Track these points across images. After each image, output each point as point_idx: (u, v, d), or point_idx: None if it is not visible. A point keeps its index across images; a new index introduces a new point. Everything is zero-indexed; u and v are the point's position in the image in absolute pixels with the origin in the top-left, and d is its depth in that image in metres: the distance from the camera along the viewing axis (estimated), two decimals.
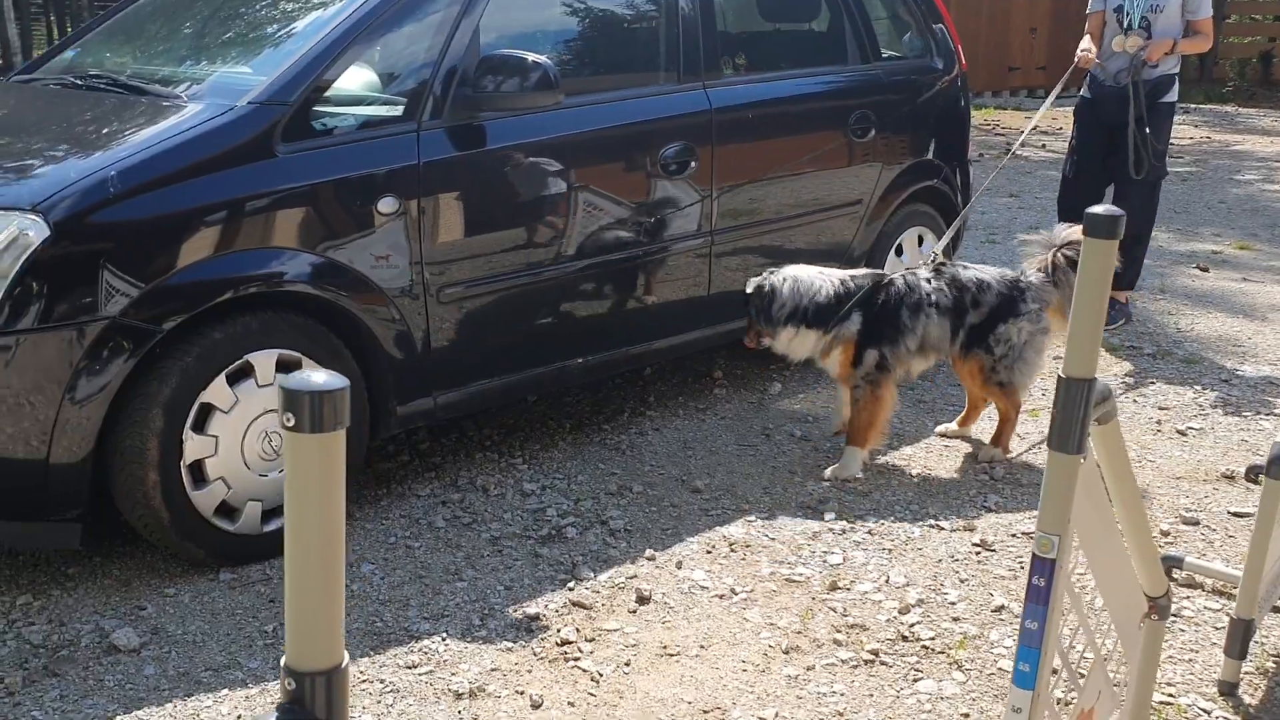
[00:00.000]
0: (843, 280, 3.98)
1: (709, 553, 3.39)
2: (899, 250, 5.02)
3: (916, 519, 3.62)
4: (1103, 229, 1.59)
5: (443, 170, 3.48)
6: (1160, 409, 4.57)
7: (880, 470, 3.99)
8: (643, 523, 3.56)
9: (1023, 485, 3.89)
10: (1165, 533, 3.56)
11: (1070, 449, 1.66)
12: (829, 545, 3.44)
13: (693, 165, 4.11)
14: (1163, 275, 6.58)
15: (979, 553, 3.41)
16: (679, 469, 3.95)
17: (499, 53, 3.56)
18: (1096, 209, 1.60)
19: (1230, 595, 3.10)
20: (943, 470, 4.02)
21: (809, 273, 4.00)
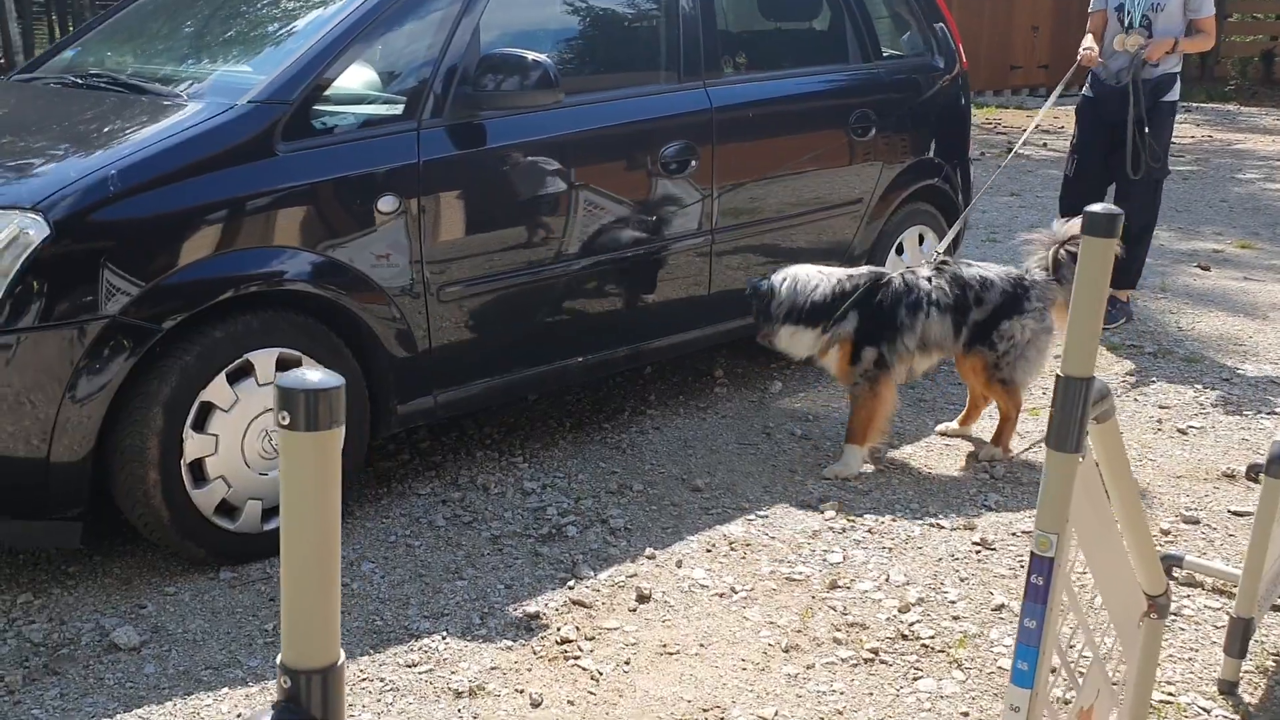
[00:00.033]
0: (841, 279, 3.97)
1: (709, 551, 3.39)
2: (900, 249, 5.02)
3: (917, 518, 3.62)
4: (1101, 228, 1.59)
5: (443, 169, 3.48)
6: (1161, 408, 4.57)
7: (880, 469, 4.00)
8: (643, 521, 3.57)
9: (1023, 484, 3.89)
10: (1165, 531, 3.56)
11: (1068, 447, 1.66)
12: (829, 544, 3.44)
13: (693, 164, 4.11)
14: (1164, 274, 6.57)
15: (979, 551, 3.41)
16: (679, 468, 3.95)
17: (499, 51, 3.57)
18: (1095, 207, 1.60)
19: (1230, 594, 3.09)
20: (943, 469, 4.02)
21: (808, 271, 4.00)
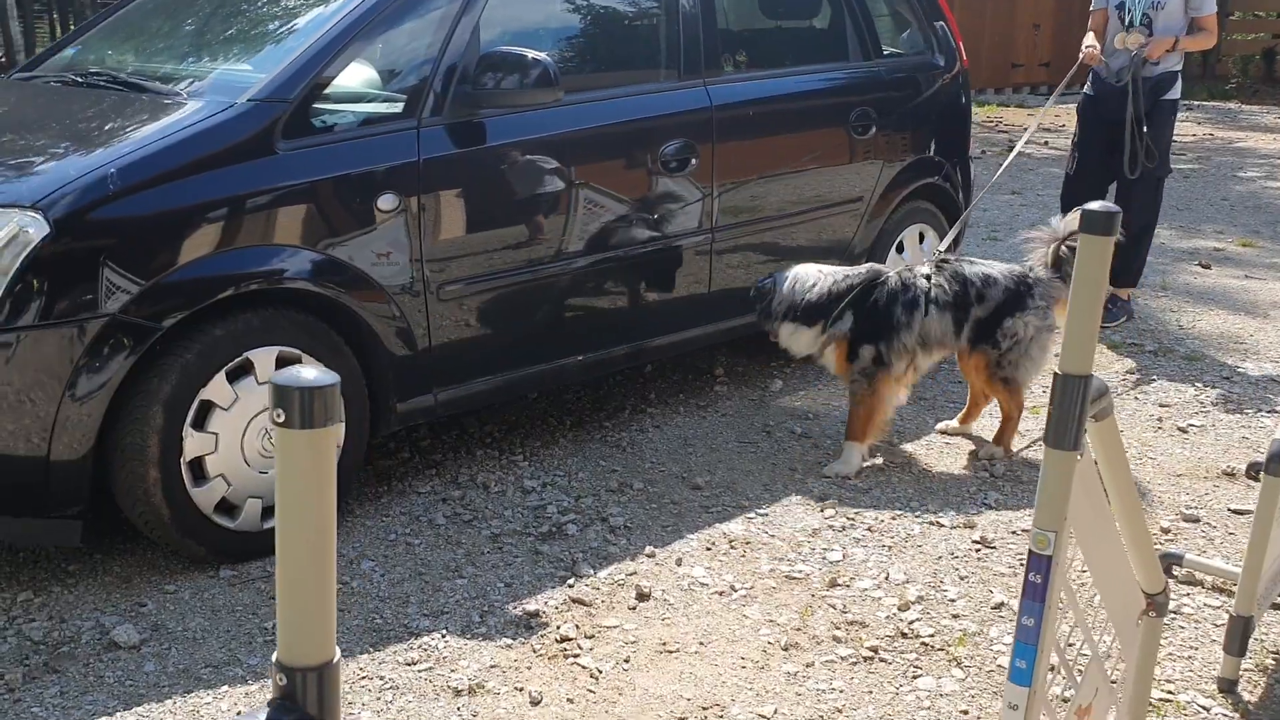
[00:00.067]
0: (839, 278, 3.99)
1: (709, 550, 3.39)
2: (900, 247, 5.02)
3: (917, 516, 3.62)
4: (1099, 225, 1.59)
5: (443, 167, 3.48)
6: (1161, 406, 4.57)
7: (880, 467, 4.00)
8: (643, 520, 3.57)
9: (1023, 482, 3.89)
10: (1166, 530, 3.56)
11: (1066, 445, 1.66)
12: (829, 542, 3.44)
13: (693, 162, 4.10)
14: (1165, 272, 6.57)
15: (979, 550, 3.41)
16: (679, 466, 3.95)
17: (499, 50, 3.57)
18: (1092, 205, 1.60)
19: (1230, 592, 3.09)
20: (943, 467, 4.02)
21: (810, 270, 4.02)
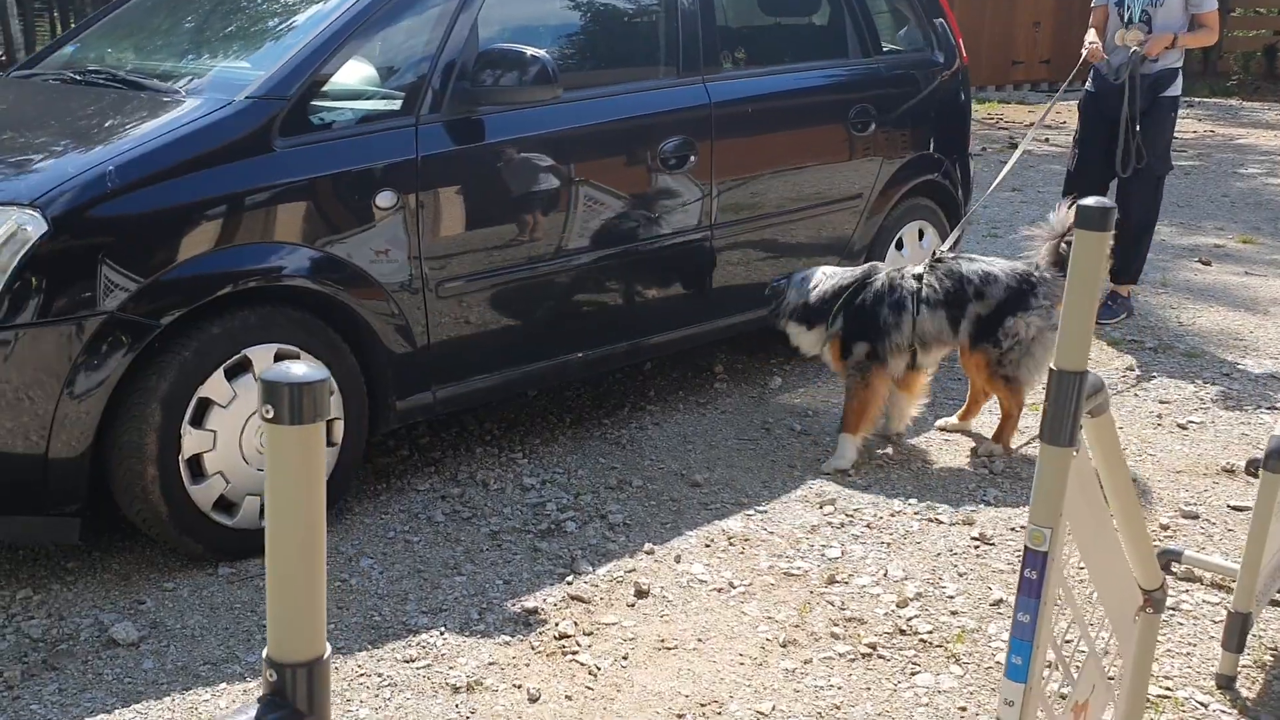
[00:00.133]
0: (837, 280, 4.06)
1: (708, 547, 3.39)
2: (899, 244, 5.02)
3: (915, 513, 3.62)
4: (1094, 221, 1.59)
5: (441, 165, 3.48)
6: (1161, 403, 4.57)
7: (879, 464, 3.99)
8: (642, 517, 3.57)
9: (1022, 479, 3.89)
10: (1165, 527, 3.56)
11: (1062, 441, 1.66)
12: (827, 539, 3.44)
13: (692, 159, 4.10)
14: (1165, 269, 6.56)
15: (978, 547, 3.41)
16: (679, 463, 3.95)
17: (497, 47, 3.57)
18: (1087, 201, 1.60)
19: (1228, 589, 3.09)
20: (942, 464, 4.02)
21: (816, 272, 4.11)
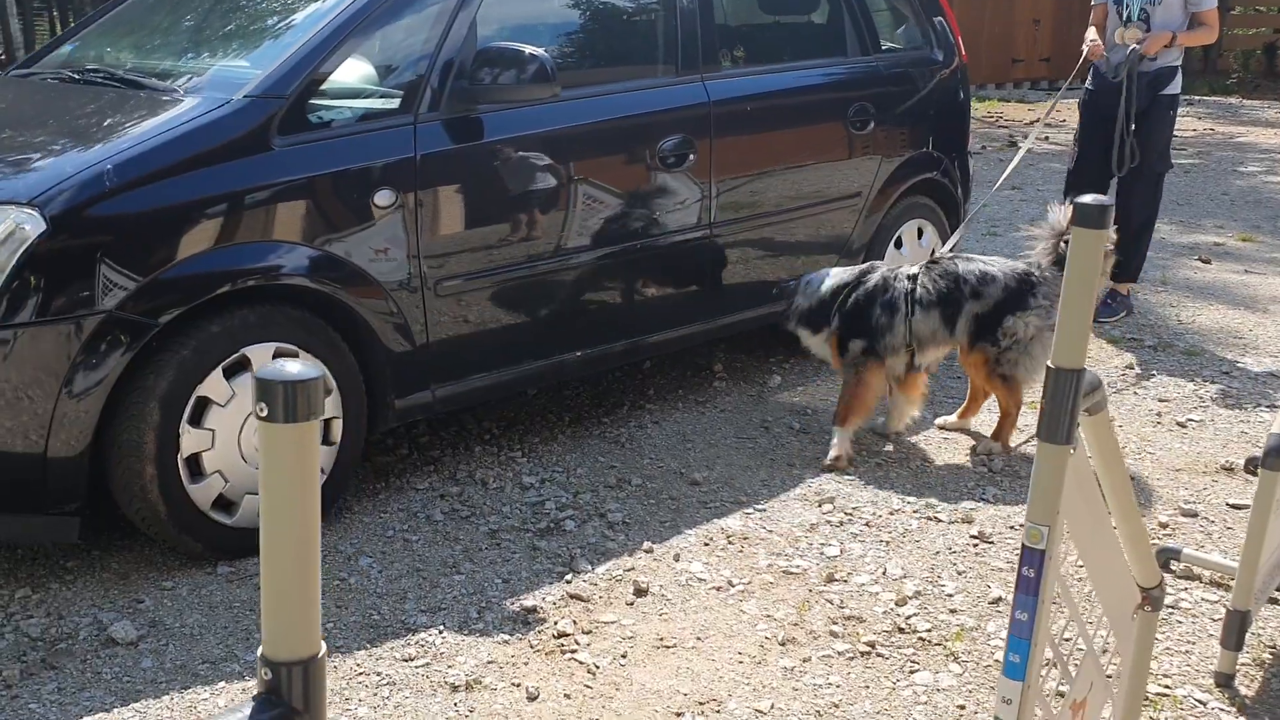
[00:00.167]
0: (838, 278, 4.12)
1: (707, 545, 3.39)
2: (899, 242, 5.02)
3: (914, 511, 3.62)
4: (1091, 219, 1.59)
5: (440, 163, 3.48)
6: (1160, 401, 4.56)
7: (879, 462, 3.99)
8: (641, 515, 3.57)
9: (1021, 478, 3.89)
10: (1164, 525, 3.56)
11: (1059, 439, 1.66)
12: (826, 537, 3.44)
13: (691, 158, 4.10)
14: (1165, 267, 6.56)
15: (976, 545, 3.41)
16: (678, 462, 3.95)
17: (496, 45, 3.57)
18: (1085, 198, 1.60)
19: (1227, 587, 3.09)
20: (941, 463, 4.02)
21: (819, 275, 4.17)
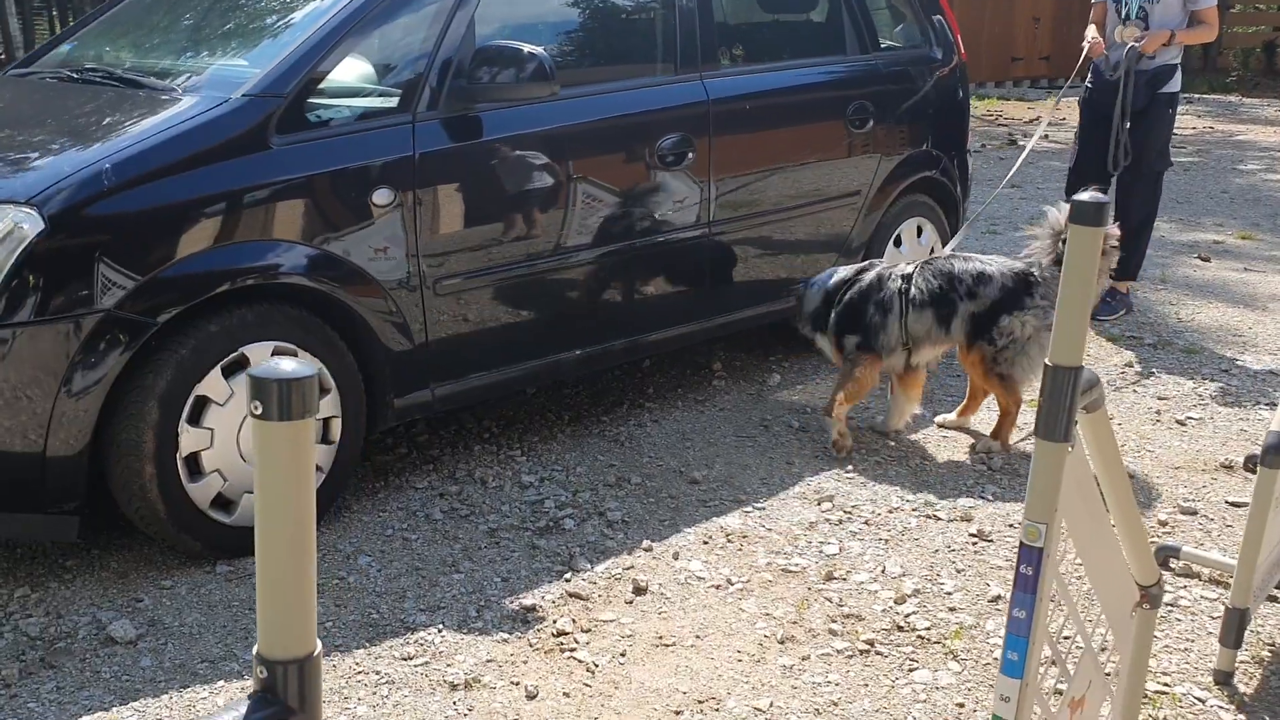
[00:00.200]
0: (838, 276, 4.16)
1: (706, 543, 3.39)
2: (898, 241, 5.02)
3: (914, 509, 3.62)
4: (1088, 216, 1.59)
5: (438, 162, 3.47)
6: (1160, 399, 4.56)
7: (878, 461, 3.99)
8: (640, 514, 3.57)
9: (1020, 476, 3.88)
10: (1164, 522, 3.56)
11: (1057, 437, 1.66)
12: (825, 536, 3.44)
13: (690, 156, 4.10)
14: (1164, 265, 6.56)
15: (976, 543, 3.41)
16: (677, 460, 3.95)
17: (494, 44, 3.56)
18: (1082, 196, 1.60)
19: (1226, 584, 3.09)
20: (940, 461, 4.02)
21: (824, 276, 4.21)
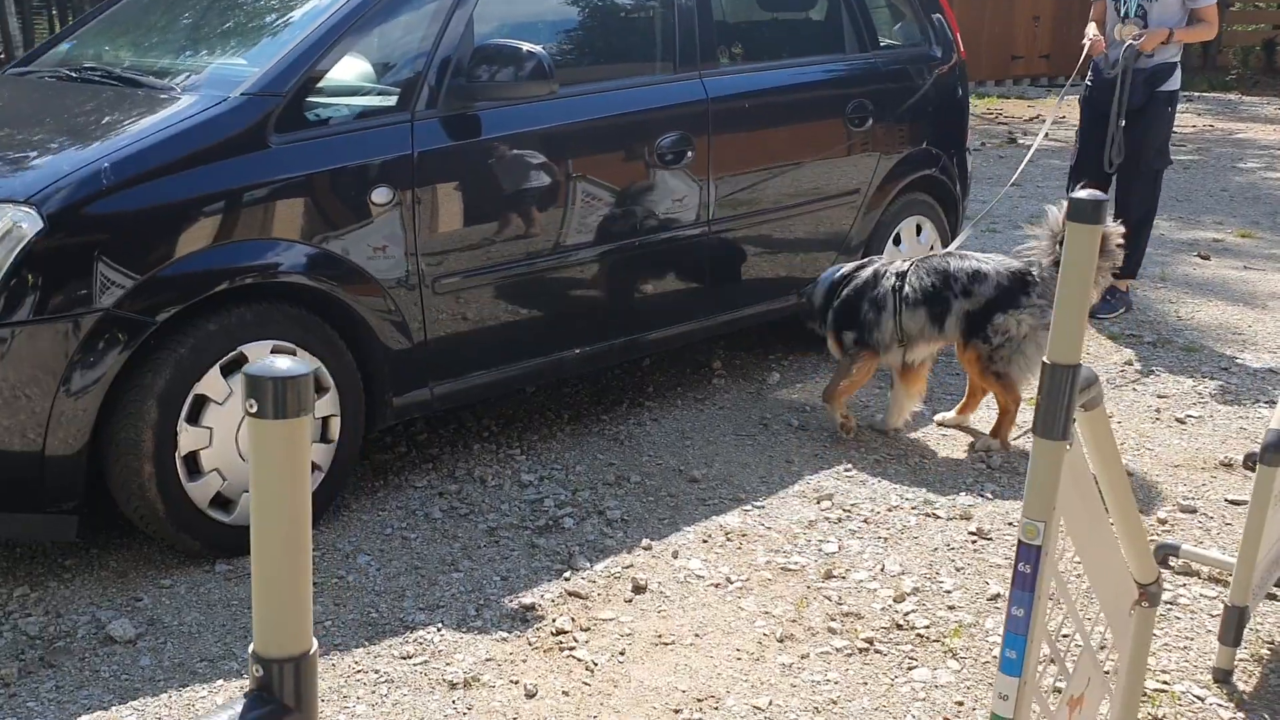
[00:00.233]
0: (839, 274, 4.19)
1: (705, 542, 3.39)
2: (897, 239, 5.02)
3: (913, 508, 3.62)
4: (1086, 214, 1.58)
5: (437, 160, 3.47)
6: (1159, 397, 4.56)
7: (877, 459, 3.99)
8: (640, 513, 3.57)
9: (1020, 474, 3.88)
10: (1163, 521, 3.56)
11: (1055, 435, 1.65)
12: (825, 534, 3.44)
13: (689, 155, 4.10)
14: (1164, 263, 6.56)
15: (975, 541, 3.41)
16: (677, 459, 3.95)
17: (493, 42, 3.56)
18: (1079, 194, 1.60)
19: (1226, 582, 3.09)
20: (940, 459, 4.02)
21: (827, 274, 4.24)
